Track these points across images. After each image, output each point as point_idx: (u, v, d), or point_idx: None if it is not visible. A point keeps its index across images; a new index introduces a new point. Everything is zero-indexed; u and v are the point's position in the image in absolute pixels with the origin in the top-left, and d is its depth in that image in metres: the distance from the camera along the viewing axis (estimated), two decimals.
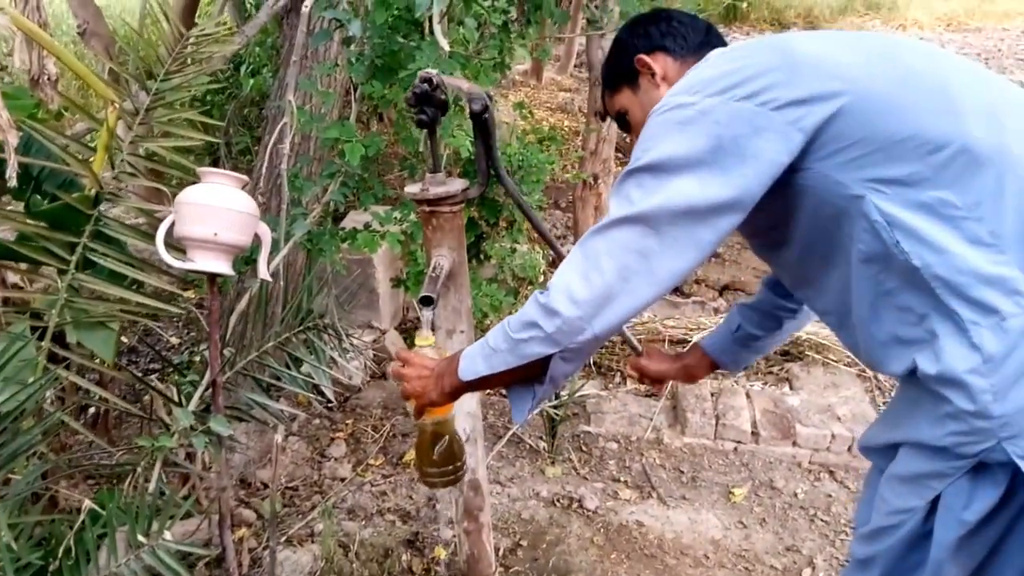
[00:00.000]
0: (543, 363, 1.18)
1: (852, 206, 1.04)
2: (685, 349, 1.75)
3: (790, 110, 1.01)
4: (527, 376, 1.23)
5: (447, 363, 1.28)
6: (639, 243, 1.06)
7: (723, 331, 1.63)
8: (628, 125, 1.39)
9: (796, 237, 1.14)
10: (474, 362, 1.22)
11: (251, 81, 4.71)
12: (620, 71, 1.35)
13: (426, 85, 1.51)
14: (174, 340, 3.85)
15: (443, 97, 1.55)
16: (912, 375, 1.08)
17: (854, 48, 1.08)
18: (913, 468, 1.13)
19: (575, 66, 9.66)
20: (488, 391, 3.04)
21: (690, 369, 1.70)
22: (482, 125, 1.57)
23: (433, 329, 1.49)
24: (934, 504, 1.11)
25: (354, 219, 3.61)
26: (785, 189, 1.06)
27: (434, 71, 1.53)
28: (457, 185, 1.63)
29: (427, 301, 1.49)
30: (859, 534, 1.28)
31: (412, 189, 1.64)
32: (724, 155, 1.02)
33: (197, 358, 2.79)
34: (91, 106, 5.56)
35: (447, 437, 1.46)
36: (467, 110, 1.57)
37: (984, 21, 12.32)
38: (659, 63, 1.29)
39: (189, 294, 3.63)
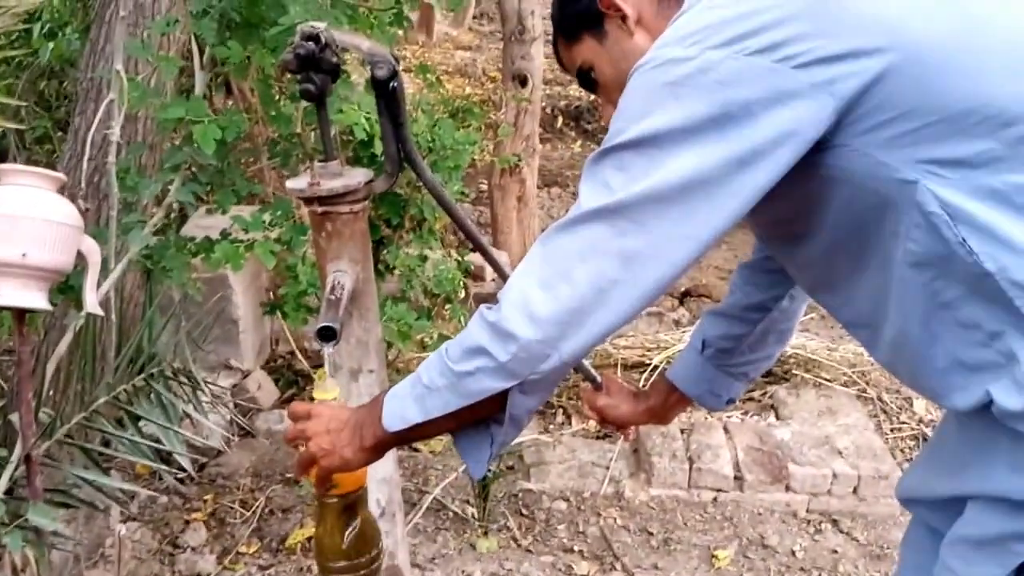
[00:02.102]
0: (496, 399, 1.15)
1: (901, 194, 1.02)
2: (647, 377, 1.73)
3: (819, 69, 0.97)
4: (475, 416, 1.20)
5: (365, 410, 1.24)
6: (619, 243, 1.04)
7: (689, 353, 1.62)
8: (593, 83, 1.34)
9: (822, 231, 1.13)
10: (403, 406, 1.17)
11: (50, 46, 4.49)
12: (579, 14, 1.30)
13: (311, 44, 1.46)
14: None
15: (334, 60, 1.51)
16: (983, 409, 1.09)
17: None
18: (991, 529, 1.12)
19: (474, 18, 9.72)
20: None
21: (657, 411, 1.67)
22: (389, 96, 1.54)
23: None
24: (1019, 571, 1.10)
25: (198, 225, 3.49)
26: (811, 171, 1.04)
27: (320, 25, 1.49)
28: (358, 177, 1.59)
29: (328, 334, 1.43)
30: None
31: (298, 184, 1.58)
32: (731, 125, 0.99)
33: None
34: None
35: (359, 517, 1.40)
36: (362, 78, 1.53)
37: None
38: (630, 3, 1.24)
39: None
